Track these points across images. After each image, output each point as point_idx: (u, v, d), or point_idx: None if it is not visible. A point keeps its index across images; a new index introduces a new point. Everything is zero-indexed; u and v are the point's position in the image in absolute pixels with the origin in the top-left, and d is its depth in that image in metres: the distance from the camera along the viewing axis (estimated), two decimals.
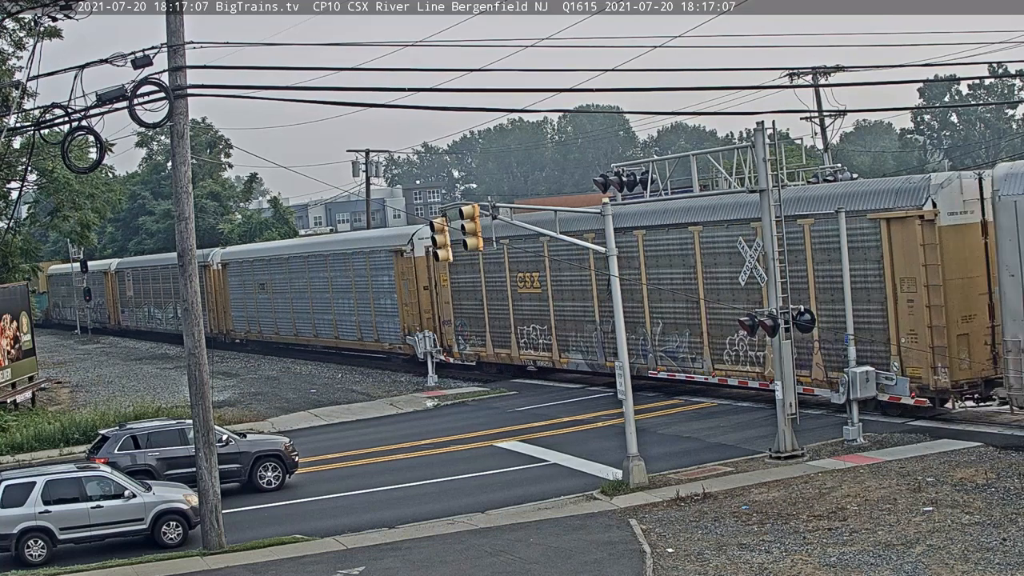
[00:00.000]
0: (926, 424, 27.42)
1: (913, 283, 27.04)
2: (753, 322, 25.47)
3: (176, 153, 22.00)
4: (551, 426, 32.21)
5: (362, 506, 24.92)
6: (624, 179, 27.60)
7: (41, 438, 34.04)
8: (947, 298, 26.59)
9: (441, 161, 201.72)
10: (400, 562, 19.64)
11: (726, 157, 31.33)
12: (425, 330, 44.34)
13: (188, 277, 21.88)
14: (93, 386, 49.79)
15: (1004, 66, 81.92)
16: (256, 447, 27.27)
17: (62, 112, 21.65)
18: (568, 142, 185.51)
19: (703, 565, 18.08)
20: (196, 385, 22.04)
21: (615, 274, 25.31)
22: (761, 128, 25.21)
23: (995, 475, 21.85)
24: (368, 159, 66.03)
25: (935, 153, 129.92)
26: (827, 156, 49.52)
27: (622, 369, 24.69)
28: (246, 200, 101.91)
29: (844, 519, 19.90)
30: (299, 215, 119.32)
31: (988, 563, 16.84)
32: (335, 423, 36.61)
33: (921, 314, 26.89)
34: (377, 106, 25.18)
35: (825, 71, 48.05)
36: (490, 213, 27.30)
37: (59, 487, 22.49)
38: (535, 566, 18.74)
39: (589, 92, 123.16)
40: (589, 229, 32.74)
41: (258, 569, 20.11)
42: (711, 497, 22.36)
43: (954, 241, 26.81)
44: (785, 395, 25.28)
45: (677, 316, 33.95)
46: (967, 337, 26.82)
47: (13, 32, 40.87)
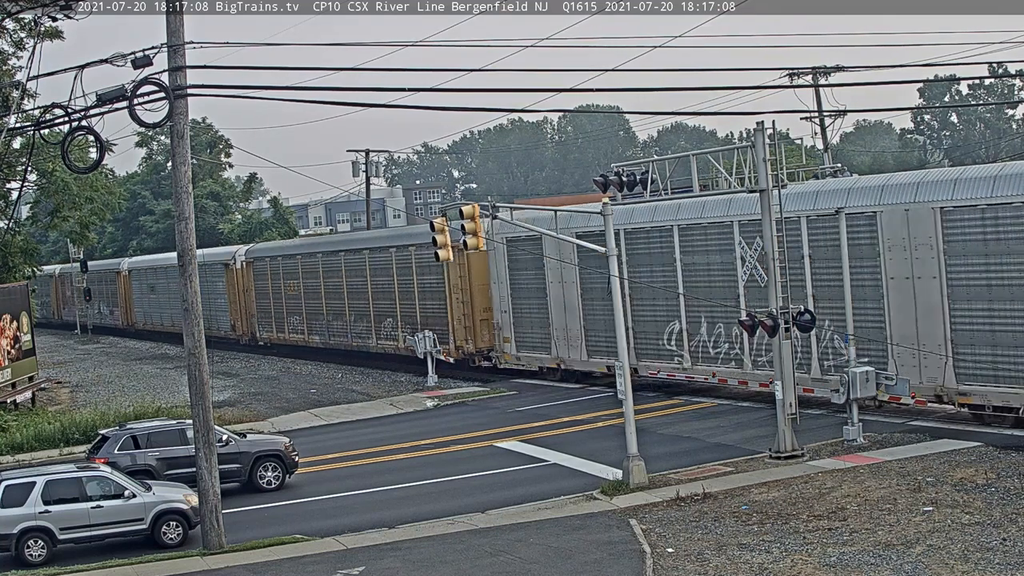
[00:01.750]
0: (925, 424, 27.47)
1: (457, 288, 42.61)
2: (753, 322, 25.48)
3: (176, 153, 22.00)
4: (551, 426, 32.21)
5: (362, 506, 24.92)
6: (624, 179, 27.61)
7: (41, 438, 34.03)
8: (473, 298, 42.35)
9: (441, 161, 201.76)
10: (400, 562, 19.64)
11: (726, 157, 31.31)
12: (426, 330, 44.25)
13: (188, 277, 21.88)
14: (93, 386, 49.79)
15: (1004, 66, 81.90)
16: (256, 447, 27.27)
17: (62, 112, 21.64)
18: (568, 142, 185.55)
19: (703, 565, 18.08)
20: (196, 385, 22.04)
21: (615, 274, 25.32)
22: (761, 128, 25.20)
23: (995, 475, 21.86)
24: (368, 159, 66.01)
25: (935, 153, 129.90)
26: (827, 156, 49.54)
27: (622, 369, 24.69)
28: (246, 200, 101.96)
29: (844, 519, 19.90)
30: (299, 215, 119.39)
31: (988, 563, 16.84)
32: (335, 423, 36.61)
33: (461, 308, 41.82)
34: (377, 106, 25.19)
35: (825, 71, 48.07)
36: (490, 213, 27.33)
37: (59, 487, 22.48)
38: (535, 566, 18.74)
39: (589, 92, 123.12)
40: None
41: (258, 569, 20.11)
42: (711, 497, 22.36)
43: (476, 263, 42.10)
44: (785, 395, 25.27)
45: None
46: (486, 322, 42.65)
47: (13, 32, 40.87)
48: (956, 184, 26.61)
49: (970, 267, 26.17)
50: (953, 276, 26.48)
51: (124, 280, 77.39)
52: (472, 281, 43.44)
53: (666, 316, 34.79)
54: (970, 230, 26.10)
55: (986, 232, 25.75)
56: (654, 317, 35.25)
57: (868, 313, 28.28)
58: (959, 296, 26.38)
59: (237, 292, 61.30)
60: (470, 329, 43.58)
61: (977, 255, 25.97)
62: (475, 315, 43.51)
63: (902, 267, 27.55)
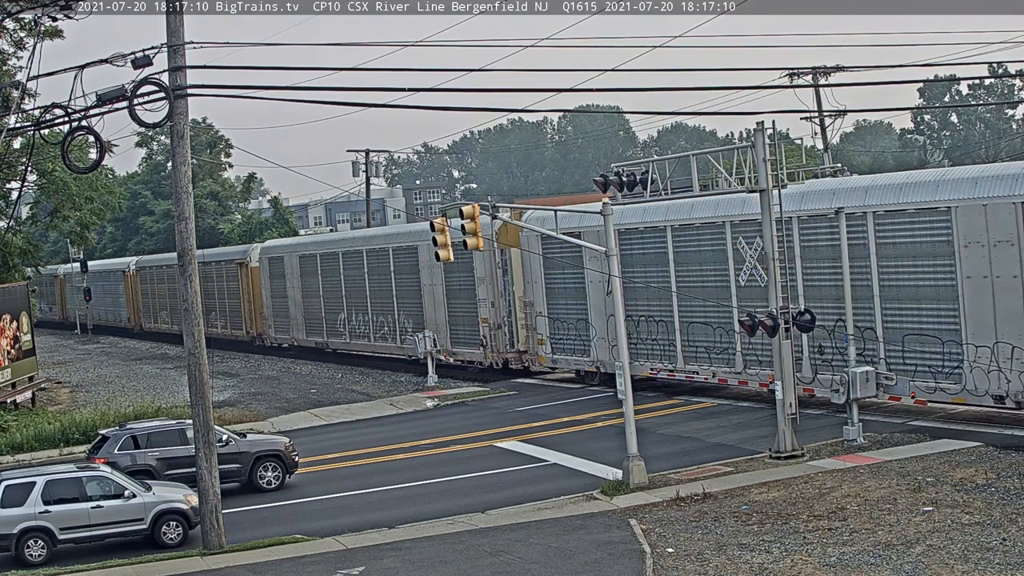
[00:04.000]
0: (925, 424, 27.47)
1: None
2: (753, 322, 25.47)
3: (176, 153, 22.00)
4: (551, 426, 32.21)
5: (362, 506, 24.91)
6: (624, 179, 27.60)
7: (41, 438, 34.04)
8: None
9: (441, 161, 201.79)
10: (400, 562, 19.64)
11: (726, 157, 31.28)
12: (426, 330, 44.20)
13: (188, 277, 21.89)
14: (93, 386, 49.81)
15: (1004, 66, 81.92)
16: (256, 447, 27.27)
17: (62, 112, 21.64)
18: (568, 142, 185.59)
19: (703, 565, 18.08)
20: (196, 385, 22.04)
21: (615, 274, 25.32)
22: (761, 128, 25.20)
23: (995, 475, 21.85)
24: (368, 159, 66.00)
25: (935, 153, 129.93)
26: (827, 156, 49.54)
27: (622, 369, 24.69)
28: (245, 200, 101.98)
29: (844, 519, 19.90)
30: (299, 215, 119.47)
31: (988, 563, 16.84)
32: (335, 423, 36.60)
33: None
34: (377, 106, 25.19)
35: (825, 71, 48.06)
36: (490, 213, 27.33)
37: (59, 487, 22.48)
38: (535, 566, 18.74)
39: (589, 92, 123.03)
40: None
41: (258, 569, 20.11)
42: (711, 497, 22.35)
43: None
44: (785, 395, 25.27)
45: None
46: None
47: (13, 32, 40.86)
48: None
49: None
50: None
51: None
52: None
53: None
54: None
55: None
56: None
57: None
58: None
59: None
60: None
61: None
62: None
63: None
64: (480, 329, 42.75)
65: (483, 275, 42.32)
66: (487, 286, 42.30)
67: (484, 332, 42.52)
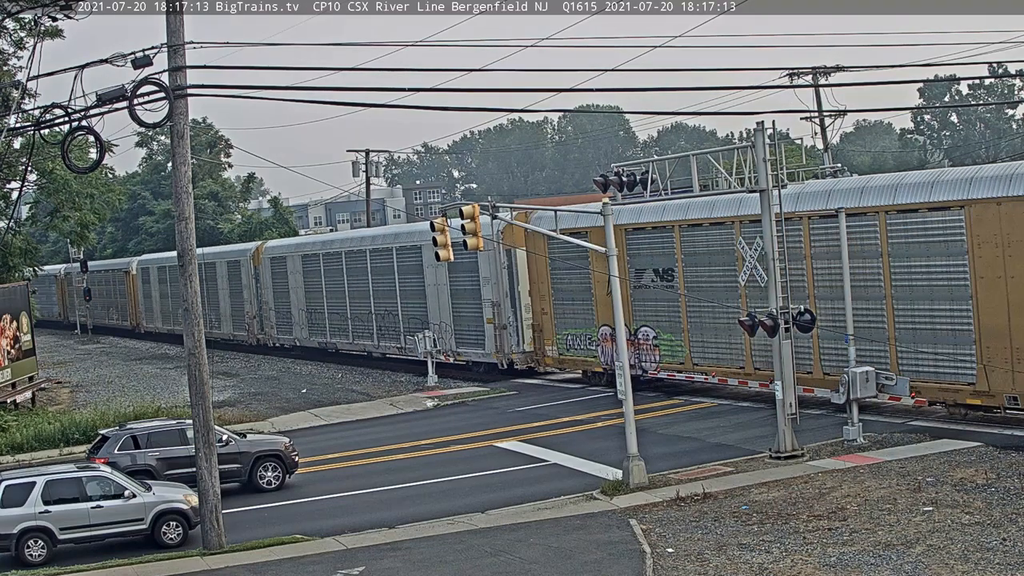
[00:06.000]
0: (925, 424, 27.46)
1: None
2: (753, 322, 25.47)
3: (176, 153, 22.00)
4: (551, 426, 32.21)
5: (362, 506, 24.91)
6: (624, 179, 27.61)
7: (41, 438, 34.04)
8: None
9: (441, 161, 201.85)
10: (400, 562, 19.64)
11: (726, 157, 31.30)
12: (425, 330, 44.14)
13: (188, 277, 21.88)
14: (93, 386, 49.81)
15: (1004, 66, 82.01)
16: (256, 447, 27.27)
17: (62, 112, 21.63)
18: (568, 142, 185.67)
19: (703, 565, 18.08)
20: (196, 385, 22.04)
21: (615, 274, 25.32)
22: (761, 128, 25.19)
23: (995, 475, 21.85)
24: (368, 159, 65.98)
25: (935, 153, 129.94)
26: (827, 156, 49.52)
27: (622, 369, 24.69)
28: (244, 200, 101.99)
29: (844, 519, 19.90)
30: (299, 215, 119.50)
31: (988, 563, 16.84)
32: (335, 423, 36.60)
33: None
34: (377, 106, 25.18)
35: (825, 71, 48.04)
36: (490, 213, 27.32)
37: (59, 487, 22.48)
38: (535, 566, 18.74)
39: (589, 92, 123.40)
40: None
41: (258, 569, 20.11)
42: (711, 497, 22.35)
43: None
44: (785, 395, 25.27)
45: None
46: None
47: (13, 32, 40.86)
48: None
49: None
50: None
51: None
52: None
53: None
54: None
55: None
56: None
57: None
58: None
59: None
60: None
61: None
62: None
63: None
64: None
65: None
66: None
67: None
